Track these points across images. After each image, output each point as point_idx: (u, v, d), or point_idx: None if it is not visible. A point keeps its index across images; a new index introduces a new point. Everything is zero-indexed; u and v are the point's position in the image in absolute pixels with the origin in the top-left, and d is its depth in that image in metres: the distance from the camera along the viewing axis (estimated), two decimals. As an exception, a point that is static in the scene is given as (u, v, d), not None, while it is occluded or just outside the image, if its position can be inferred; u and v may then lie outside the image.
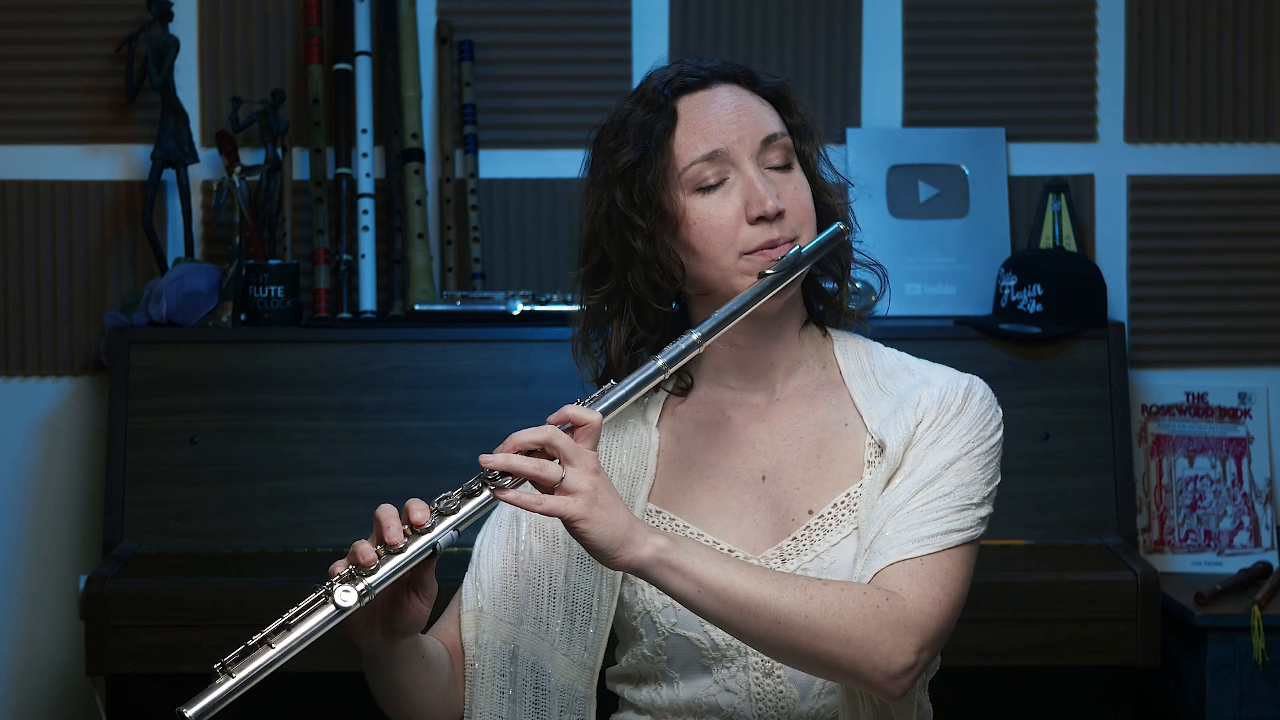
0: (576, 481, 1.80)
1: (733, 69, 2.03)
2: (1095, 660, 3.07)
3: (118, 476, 3.27)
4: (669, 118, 1.99)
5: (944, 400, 2.00)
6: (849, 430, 2.03)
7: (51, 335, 3.56)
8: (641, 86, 2.04)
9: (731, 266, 1.98)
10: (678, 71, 2.02)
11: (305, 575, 3.09)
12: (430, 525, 1.80)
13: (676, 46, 3.57)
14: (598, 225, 2.04)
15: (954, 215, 3.52)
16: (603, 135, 2.05)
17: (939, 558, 1.92)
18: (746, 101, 2.01)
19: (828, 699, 1.98)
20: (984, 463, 1.99)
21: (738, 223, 1.97)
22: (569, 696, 2.03)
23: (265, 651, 1.73)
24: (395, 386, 3.29)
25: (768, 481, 2.02)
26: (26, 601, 3.58)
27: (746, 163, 1.98)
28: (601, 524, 1.80)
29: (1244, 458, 3.55)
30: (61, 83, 3.56)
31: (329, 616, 1.76)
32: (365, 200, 3.48)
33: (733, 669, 1.99)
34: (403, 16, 3.53)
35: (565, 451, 1.82)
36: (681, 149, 1.98)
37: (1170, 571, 3.48)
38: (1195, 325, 3.61)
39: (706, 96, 2.00)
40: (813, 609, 1.85)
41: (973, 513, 1.95)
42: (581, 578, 2.04)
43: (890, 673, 1.86)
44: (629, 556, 1.82)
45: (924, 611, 1.89)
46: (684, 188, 1.98)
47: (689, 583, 1.83)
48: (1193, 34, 3.60)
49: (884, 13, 3.59)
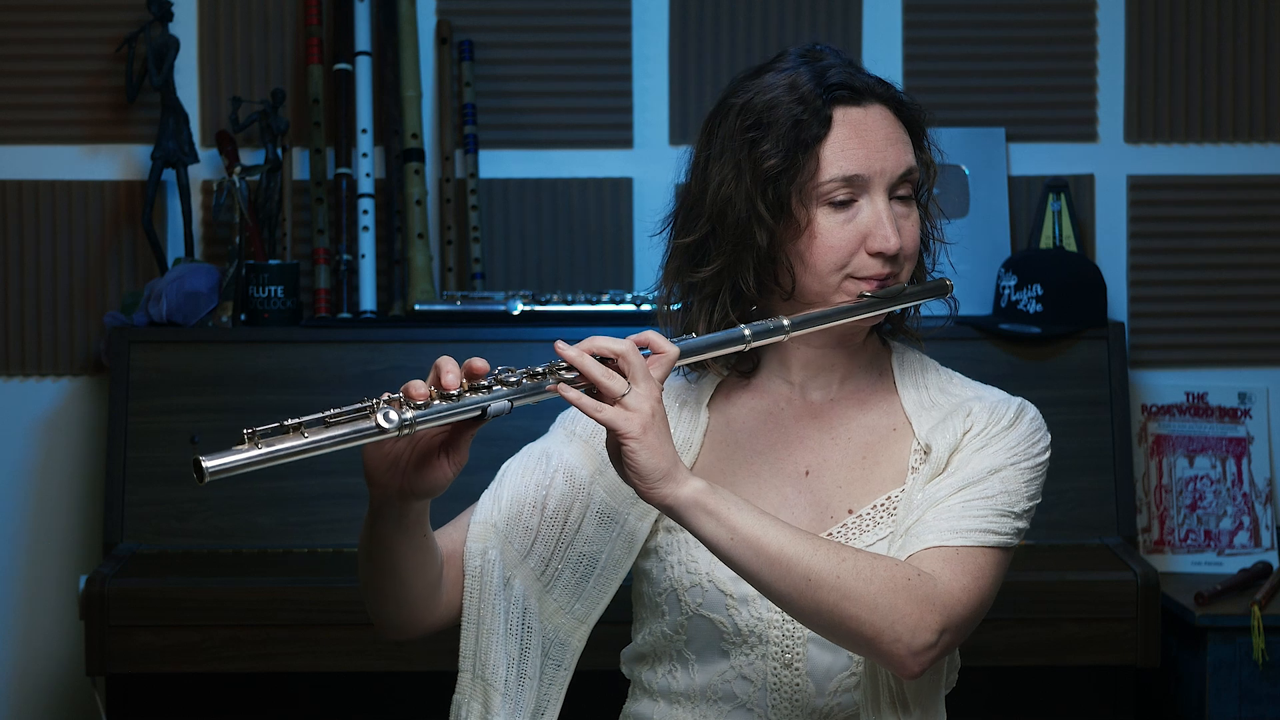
0: (638, 401, 1.81)
1: (886, 90, 2.01)
2: (1095, 660, 3.07)
3: (118, 476, 3.27)
4: (823, 125, 1.96)
5: (995, 412, 2.01)
6: (896, 435, 2.04)
7: (51, 335, 3.56)
8: (787, 72, 1.99)
9: (835, 285, 1.98)
10: (837, 79, 1.98)
11: (305, 575, 3.09)
12: (487, 386, 1.80)
13: (676, 46, 3.58)
14: (717, 205, 1.99)
15: (954, 215, 3.52)
16: (741, 112, 1.99)
17: (974, 551, 1.92)
18: (894, 130, 1.99)
19: (843, 697, 1.98)
20: (1028, 477, 2.00)
21: (855, 248, 1.97)
22: (550, 641, 2.04)
23: (296, 437, 1.71)
24: (395, 386, 3.26)
25: (810, 477, 2.03)
26: (26, 601, 3.58)
27: (880, 193, 1.97)
28: (650, 449, 1.81)
29: (1244, 458, 3.55)
30: (61, 83, 3.56)
31: (366, 430, 1.74)
32: (365, 200, 3.48)
33: (751, 656, 1.99)
34: (403, 16, 3.53)
35: (635, 369, 1.83)
36: (827, 162, 1.96)
37: (1170, 571, 3.48)
38: (1195, 325, 3.61)
39: (862, 115, 1.98)
40: (844, 570, 1.84)
41: (1011, 521, 1.96)
42: (597, 532, 2.04)
43: (912, 647, 1.86)
44: (667, 490, 1.82)
45: (953, 595, 1.89)
46: (817, 199, 1.97)
47: (723, 529, 1.83)
48: (1193, 34, 3.60)
49: (884, 13, 3.59)
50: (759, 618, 1.98)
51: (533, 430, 2.15)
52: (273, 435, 1.71)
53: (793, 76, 1.98)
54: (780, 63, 2.02)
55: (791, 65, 2.00)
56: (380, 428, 1.75)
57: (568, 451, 2.06)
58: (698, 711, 2.02)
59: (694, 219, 2.02)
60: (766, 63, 2.04)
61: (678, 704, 2.03)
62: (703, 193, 2.01)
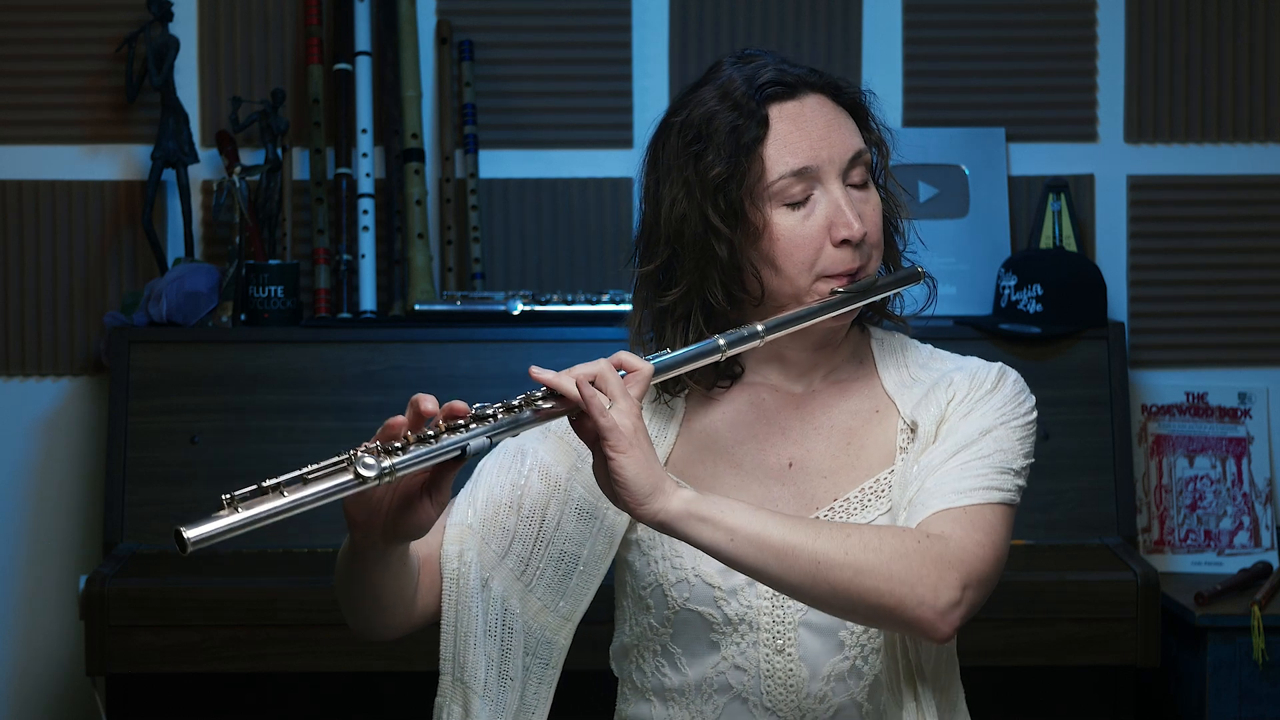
0: (619, 418, 1.81)
1: (820, 78, 2.00)
2: (1095, 660, 3.07)
3: (118, 476, 3.27)
4: (760, 126, 1.95)
5: (976, 378, 2.00)
6: (879, 417, 2.03)
7: (51, 335, 3.56)
8: (720, 82, 1.99)
9: (807, 286, 1.97)
10: (767, 77, 1.97)
11: (305, 575, 3.09)
12: (465, 425, 1.79)
13: (676, 46, 3.58)
14: (672, 226, 1.99)
15: (954, 215, 3.52)
16: (680, 130, 1.99)
17: (981, 509, 1.90)
18: (834, 116, 1.98)
19: (836, 684, 1.97)
20: (1020, 435, 1.98)
21: (820, 242, 1.96)
22: (534, 640, 2.02)
23: (276, 498, 1.70)
24: (395, 386, 3.29)
25: (794, 469, 2.02)
26: (26, 601, 3.58)
27: (833, 181, 1.96)
28: (636, 463, 1.80)
29: (1244, 458, 3.55)
30: (61, 83, 3.56)
31: (345, 483, 1.73)
32: (365, 200, 3.48)
33: (743, 645, 1.98)
34: (403, 16, 3.53)
35: (614, 388, 1.82)
36: (771, 161, 1.95)
37: (1170, 571, 3.48)
38: (1195, 325, 3.61)
39: (797, 108, 1.97)
40: (851, 545, 1.83)
41: (1011, 478, 1.94)
42: (576, 527, 2.03)
43: (938, 608, 1.84)
44: (657, 506, 1.81)
45: (967, 550, 1.87)
46: (770, 200, 1.95)
47: (721, 532, 1.82)
48: (1193, 34, 3.60)
49: (884, 13, 3.59)
50: (749, 605, 1.97)
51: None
52: (252, 498, 1.69)
53: (724, 83, 1.98)
54: (713, 74, 2.01)
55: (724, 73, 1.99)
56: (361, 478, 1.73)
57: (543, 448, 2.05)
58: (693, 708, 2.00)
59: (654, 245, 2.01)
60: (701, 77, 2.03)
61: (672, 701, 2.02)
62: (657, 217, 2.00)
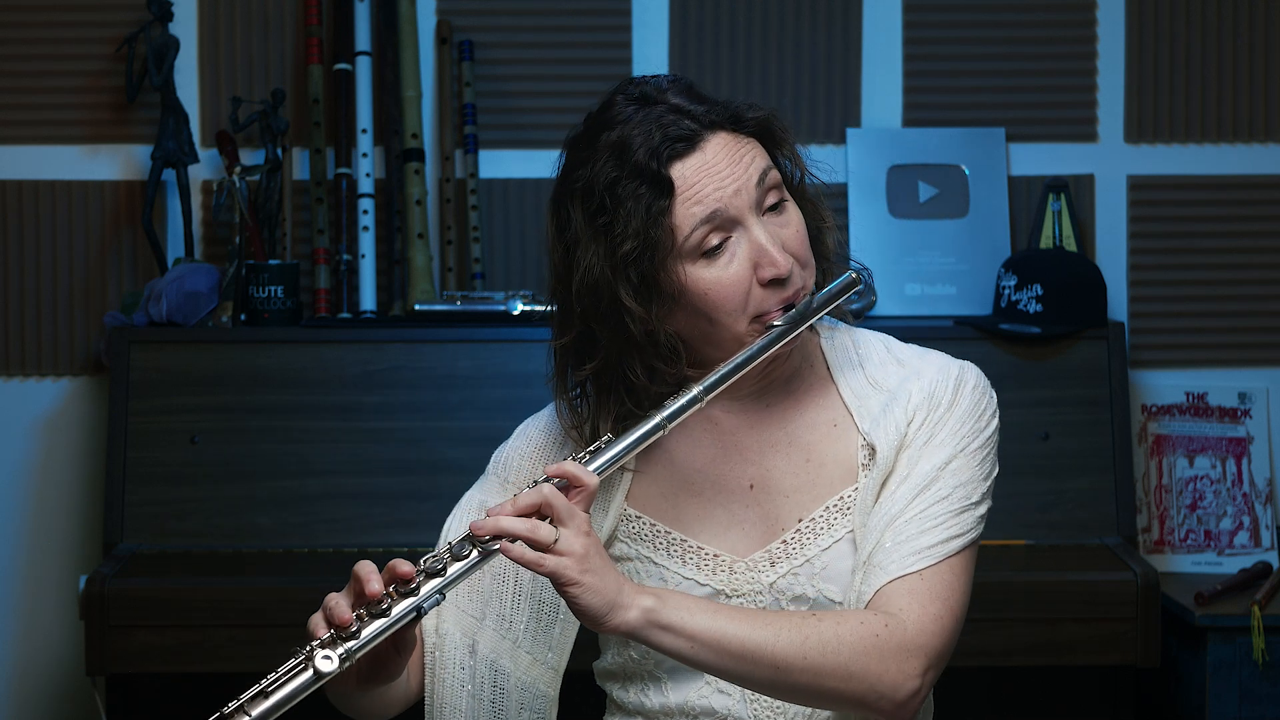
0: (569, 544, 1.77)
1: (717, 115, 1.90)
2: (1095, 660, 3.07)
3: (118, 476, 3.27)
4: (665, 192, 1.86)
5: (934, 395, 1.95)
6: (838, 431, 1.98)
7: (51, 335, 3.56)
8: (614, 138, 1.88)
9: (744, 331, 1.90)
10: (662, 136, 1.86)
11: (305, 575, 3.09)
12: (416, 586, 1.75)
13: (676, 46, 3.57)
14: (584, 301, 1.89)
15: (954, 215, 3.52)
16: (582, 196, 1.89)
17: (939, 570, 1.89)
18: (736, 148, 1.89)
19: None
20: (980, 458, 1.95)
21: (748, 285, 1.88)
22: (529, 695, 2.00)
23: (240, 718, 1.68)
24: (395, 386, 3.29)
25: (756, 490, 1.99)
26: (26, 601, 3.58)
27: (749, 216, 1.88)
28: (591, 590, 1.77)
29: (1244, 458, 3.55)
30: (61, 83, 3.56)
31: (307, 682, 1.71)
32: (365, 200, 3.48)
33: None
34: (403, 16, 3.53)
35: (560, 512, 1.78)
36: (681, 219, 1.86)
37: (1170, 571, 3.48)
38: (1195, 325, 3.61)
39: (699, 158, 1.87)
40: (810, 649, 1.82)
41: (972, 513, 1.92)
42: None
43: (897, 700, 1.85)
44: (618, 620, 1.78)
45: (926, 631, 1.87)
46: (685, 258, 1.87)
47: (682, 640, 1.80)
48: (1193, 34, 3.60)
49: (884, 13, 3.59)
50: None
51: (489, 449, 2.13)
52: None
53: (621, 137, 1.87)
54: (609, 114, 1.90)
55: (621, 117, 1.89)
56: (320, 674, 1.71)
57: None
58: None
59: (566, 317, 1.93)
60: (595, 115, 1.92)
61: None
62: (569, 291, 1.91)
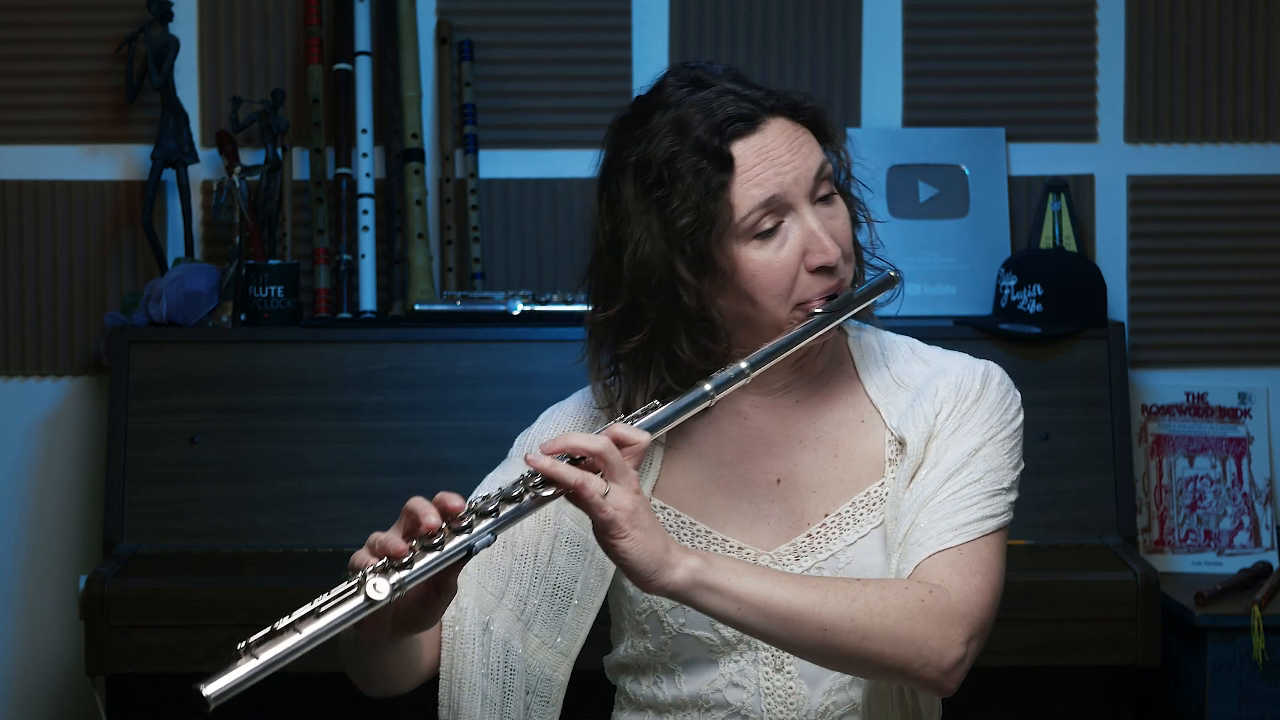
0: (619, 499, 1.77)
1: (778, 101, 1.93)
2: (1095, 660, 3.07)
3: (118, 476, 3.27)
4: (725, 168, 1.89)
5: (961, 388, 1.98)
6: (865, 427, 2.01)
7: (51, 335, 3.56)
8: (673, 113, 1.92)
9: (785, 316, 1.93)
10: (727, 113, 1.90)
11: (305, 575, 3.09)
12: (468, 525, 1.76)
13: (676, 46, 3.57)
14: (634, 273, 1.92)
15: (954, 215, 3.52)
16: (637, 170, 1.92)
17: (976, 545, 1.90)
18: (796, 136, 1.92)
19: (838, 695, 1.97)
20: (1009, 447, 1.97)
21: (795, 270, 1.91)
22: (535, 678, 2.00)
23: (292, 636, 1.67)
24: (395, 386, 3.29)
25: (782, 485, 2.00)
26: (26, 601, 3.58)
27: (803, 205, 1.91)
28: (641, 545, 1.77)
29: (1244, 458, 3.55)
30: (61, 83, 3.56)
31: (359, 608, 1.71)
32: (365, 200, 3.48)
33: (741, 663, 1.98)
34: (403, 16, 3.53)
35: (614, 467, 1.78)
36: (739, 199, 1.89)
37: (1170, 571, 3.48)
38: (1195, 325, 3.61)
39: (760, 139, 1.90)
40: (857, 610, 1.82)
41: (1004, 498, 1.94)
42: (568, 563, 2.01)
43: (943, 667, 1.84)
44: (665, 579, 1.79)
45: (969, 601, 1.87)
46: (740, 237, 1.90)
47: (728, 601, 1.81)
48: (1193, 34, 3.60)
49: (884, 13, 3.59)
50: None
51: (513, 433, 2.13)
52: (267, 641, 1.66)
53: (679, 116, 1.91)
54: (661, 96, 1.94)
55: (675, 99, 1.93)
56: (371, 601, 1.71)
57: None
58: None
59: (612, 289, 1.96)
60: (646, 98, 1.96)
61: (667, 713, 2.01)
62: (616, 261, 1.94)
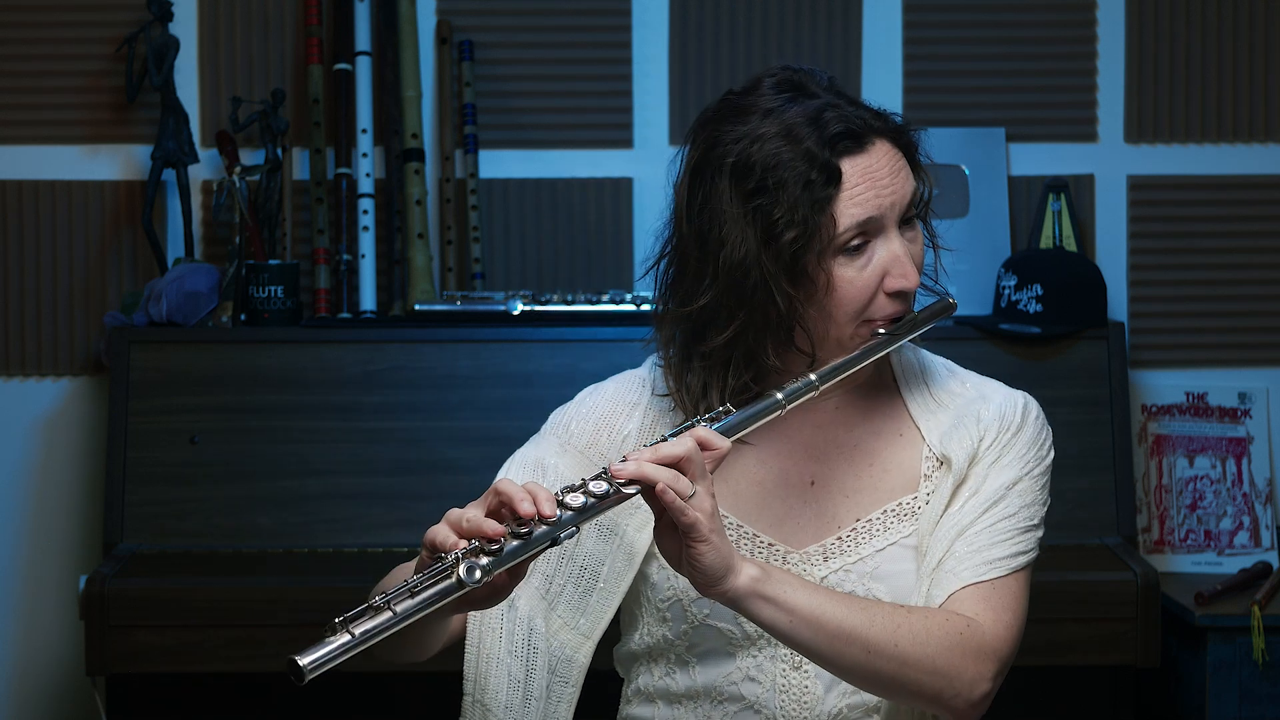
0: (702, 502, 1.78)
1: (884, 123, 1.93)
2: (1095, 660, 3.07)
3: (118, 476, 3.27)
4: (834, 184, 1.88)
5: (1005, 418, 2.01)
6: (904, 441, 2.03)
7: (51, 335, 3.56)
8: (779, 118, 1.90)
9: (849, 334, 1.94)
10: (838, 129, 1.89)
11: (305, 575, 3.09)
12: (557, 517, 1.76)
13: (676, 46, 3.57)
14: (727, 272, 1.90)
15: (954, 215, 3.51)
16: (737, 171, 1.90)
17: (1008, 581, 1.95)
18: (895, 161, 1.92)
19: (852, 698, 1.98)
20: (1041, 483, 2.01)
21: (874, 290, 1.92)
22: (556, 659, 2.01)
23: (385, 613, 1.68)
24: (395, 386, 3.29)
25: (816, 487, 2.01)
26: (26, 601, 3.58)
27: (892, 229, 1.92)
28: (715, 550, 1.78)
29: (1244, 458, 3.55)
30: (61, 83, 3.56)
31: (449, 589, 1.71)
32: (365, 200, 3.48)
33: (760, 658, 1.98)
34: (403, 16, 3.53)
35: (697, 470, 1.79)
36: (841, 215, 1.89)
37: (1170, 571, 3.48)
38: (1195, 325, 3.61)
39: (866, 159, 1.90)
40: (901, 637, 1.85)
41: (1033, 535, 1.99)
42: (596, 544, 2.01)
43: (972, 699, 1.89)
44: (727, 585, 1.80)
45: (999, 637, 1.92)
46: (831, 252, 1.90)
47: (781, 613, 1.82)
48: (1193, 34, 3.60)
49: (884, 13, 3.59)
50: None
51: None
52: (361, 617, 1.67)
53: (786, 123, 1.89)
54: (759, 97, 1.92)
55: (778, 103, 1.91)
56: (462, 584, 1.71)
57: (563, 464, 2.03)
58: (700, 711, 2.00)
59: (698, 282, 1.93)
60: (743, 95, 1.94)
61: (678, 704, 2.02)
62: (705, 255, 1.92)
